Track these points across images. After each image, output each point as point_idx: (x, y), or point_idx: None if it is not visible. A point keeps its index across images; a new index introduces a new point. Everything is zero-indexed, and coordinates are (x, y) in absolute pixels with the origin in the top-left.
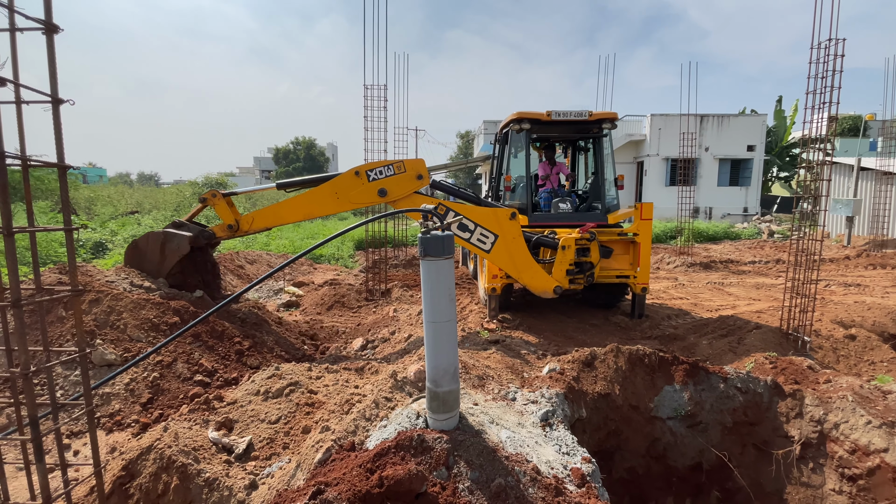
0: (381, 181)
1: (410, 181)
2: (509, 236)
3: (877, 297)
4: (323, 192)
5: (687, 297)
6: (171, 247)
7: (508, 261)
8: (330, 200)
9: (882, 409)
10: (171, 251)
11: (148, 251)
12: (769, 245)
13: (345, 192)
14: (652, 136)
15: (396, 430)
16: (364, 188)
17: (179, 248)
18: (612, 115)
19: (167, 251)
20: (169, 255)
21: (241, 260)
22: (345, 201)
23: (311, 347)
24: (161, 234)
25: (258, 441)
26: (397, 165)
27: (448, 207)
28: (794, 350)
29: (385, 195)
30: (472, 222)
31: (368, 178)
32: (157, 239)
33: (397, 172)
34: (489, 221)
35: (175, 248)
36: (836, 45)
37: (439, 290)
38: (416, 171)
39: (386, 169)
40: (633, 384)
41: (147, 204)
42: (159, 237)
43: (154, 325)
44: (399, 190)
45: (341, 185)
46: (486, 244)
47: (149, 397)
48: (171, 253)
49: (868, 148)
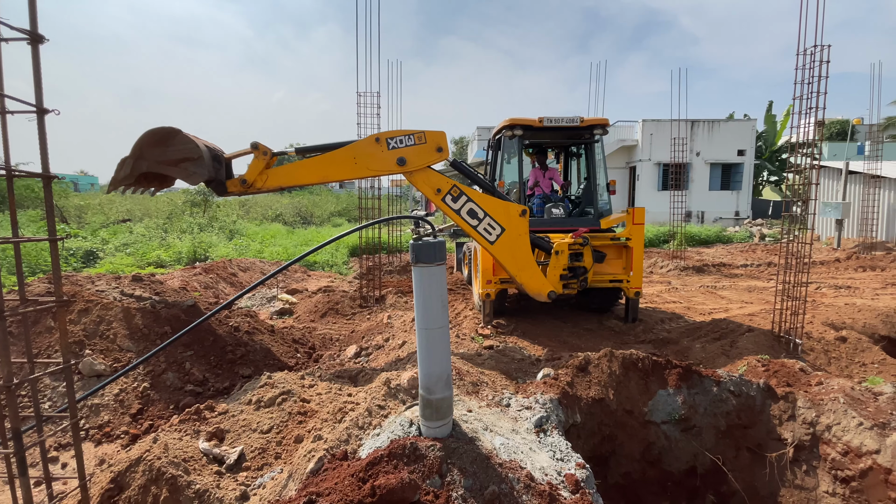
0: (400, 150)
1: (430, 153)
2: (515, 232)
3: (867, 299)
4: (341, 156)
5: (680, 300)
6: (189, 166)
7: (510, 256)
8: (348, 165)
9: (873, 410)
10: (184, 168)
11: (172, 147)
12: (761, 248)
13: (363, 158)
14: (644, 142)
15: (389, 438)
16: (383, 156)
17: (192, 173)
18: (603, 122)
19: (182, 164)
20: (178, 167)
21: (234, 268)
22: (362, 167)
23: (304, 355)
24: (197, 149)
25: (250, 451)
26: (418, 136)
27: (461, 191)
28: (786, 352)
29: (404, 164)
30: (482, 210)
31: (388, 145)
32: (189, 150)
33: (417, 143)
34: (499, 213)
35: (190, 170)
36: (822, 51)
37: (432, 296)
38: (437, 144)
39: (406, 138)
40: (628, 389)
41: (138, 212)
42: (192, 151)
43: (144, 335)
44: (418, 160)
45: (360, 150)
46: (491, 235)
47: (139, 408)
48: (182, 169)
49: (856, 152)
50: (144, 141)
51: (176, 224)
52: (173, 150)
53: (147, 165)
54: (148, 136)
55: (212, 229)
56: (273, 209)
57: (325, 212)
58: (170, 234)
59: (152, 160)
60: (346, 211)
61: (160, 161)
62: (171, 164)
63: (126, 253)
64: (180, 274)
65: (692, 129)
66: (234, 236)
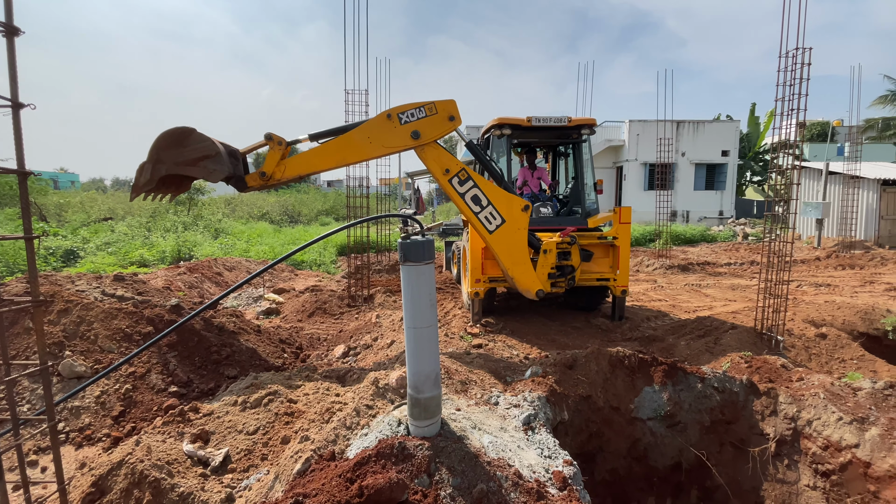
0: (413, 123)
1: (443, 123)
2: (515, 226)
3: (846, 297)
4: (356, 137)
5: (665, 298)
6: (208, 164)
7: (506, 249)
8: (363, 145)
9: (852, 405)
10: (203, 167)
11: (188, 147)
12: (744, 247)
13: (377, 136)
14: (630, 142)
15: (377, 438)
16: (396, 131)
17: (212, 170)
18: (590, 121)
19: (201, 163)
20: (197, 167)
21: (220, 267)
22: (378, 146)
23: (291, 355)
24: (213, 146)
25: (235, 453)
26: (429, 107)
27: (469, 175)
28: (769, 349)
29: (419, 137)
30: (486, 198)
31: (400, 120)
32: (206, 148)
33: (429, 114)
34: (502, 205)
35: (209, 168)
36: (803, 53)
37: (420, 295)
38: (448, 113)
39: (417, 111)
40: (614, 386)
41: (121, 210)
42: (209, 148)
43: (127, 335)
44: (432, 132)
45: (373, 129)
46: (491, 225)
47: (120, 410)
48: (201, 167)
49: (836, 153)
50: (160, 144)
51: (160, 222)
52: (190, 149)
53: (166, 168)
54: (162, 138)
55: (197, 228)
56: (259, 208)
57: (313, 210)
58: (153, 233)
59: (170, 162)
60: (334, 209)
61: (178, 162)
62: (189, 164)
63: (108, 252)
64: (164, 273)
65: (678, 130)
66: (220, 235)
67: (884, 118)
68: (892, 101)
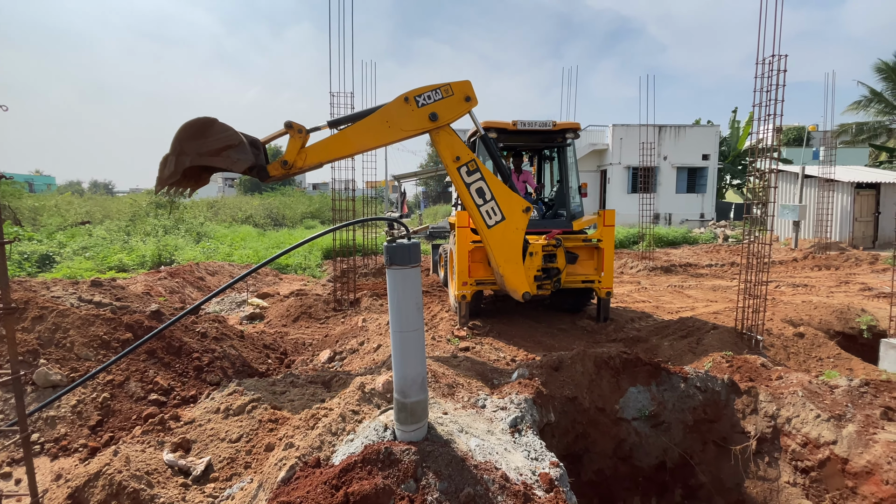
0: (430, 106)
1: (459, 104)
2: (514, 225)
3: (822, 297)
4: (374, 122)
5: (649, 300)
6: (232, 154)
7: (501, 246)
8: (382, 129)
9: (830, 402)
10: (227, 156)
11: (211, 137)
12: (724, 249)
13: (396, 120)
14: (614, 146)
15: (363, 443)
16: (414, 114)
17: (235, 160)
18: (574, 125)
19: (224, 153)
20: (221, 157)
21: (202, 271)
22: (396, 130)
23: (275, 361)
24: (236, 136)
25: (218, 461)
26: (444, 89)
27: (478, 167)
28: (749, 349)
29: (436, 119)
30: (490, 193)
31: (417, 103)
32: (229, 137)
33: (445, 96)
34: (504, 202)
35: (233, 157)
36: (779, 60)
37: (406, 298)
38: (464, 93)
39: (434, 93)
40: (600, 387)
41: (99, 214)
42: (231, 138)
43: (104, 343)
44: (449, 114)
45: (391, 113)
46: (490, 220)
47: (98, 419)
48: (224, 157)
49: (811, 157)
50: (182, 135)
51: (139, 226)
52: (213, 139)
53: (190, 160)
54: (185, 129)
55: (178, 232)
56: (243, 210)
57: (297, 213)
58: (133, 237)
59: (194, 153)
60: (319, 212)
61: (202, 153)
62: (213, 155)
63: (85, 257)
64: (144, 278)
65: (660, 135)
66: (202, 239)
67: (857, 123)
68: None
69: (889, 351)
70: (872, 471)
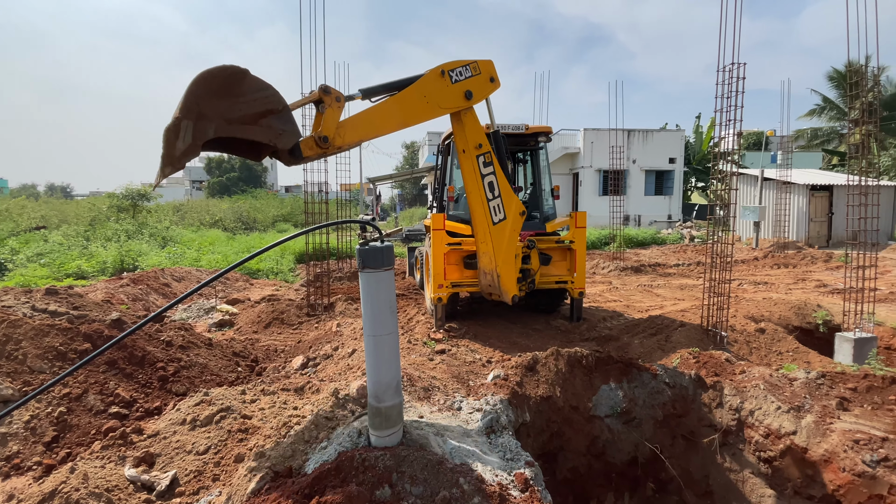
0: (463, 83)
1: (486, 83)
2: (512, 226)
3: (781, 294)
4: (412, 96)
5: (620, 299)
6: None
7: (501, 244)
8: (420, 105)
9: (789, 394)
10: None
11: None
12: (691, 249)
13: (433, 95)
14: (585, 149)
15: (337, 450)
16: (449, 90)
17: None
18: (546, 129)
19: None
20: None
21: (167, 277)
22: (434, 106)
23: (246, 369)
24: (278, 97)
25: (184, 475)
26: (473, 66)
27: (493, 161)
28: (714, 344)
29: (471, 98)
30: (498, 189)
31: (451, 79)
32: (269, 99)
33: (474, 74)
34: (507, 201)
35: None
36: (739, 68)
37: (380, 302)
38: (489, 73)
39: (464, 69)
40: (573, 385)
41: (55, 218)
42: (272, 99)
43: (60, 354)
44: (480, 93)
45: (428, 87)
46: (496, 216)
47: (54, 435)
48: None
49: (770, 160)
50: (200, 92)
51: (100, 231)
52: (247, 100)
53: (215, 128)
54: (204, 82)
55: (142, 236)
56: (211, 214)
57: (269, 216)
58: (92, 243)
59: (219, 118)
60: (292, 215)
61: (231, 119)
62: (248, 123)
63: (40, 264)
64: (104, 286)
65: (629, 139)
66: (168, 244)
67: (812, 128)
68: (818, 113)
69: (843, 344)
70: (830, 459)
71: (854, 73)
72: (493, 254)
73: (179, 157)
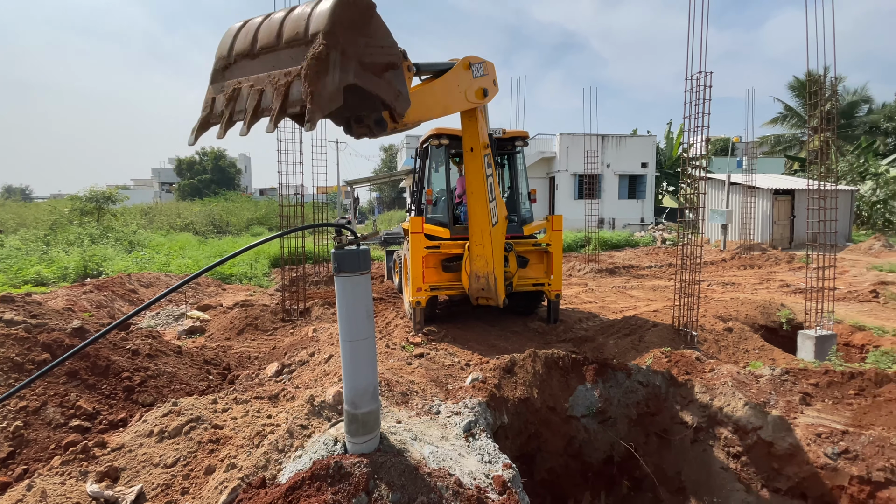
0: (480, 80)
1: (493, 85)
2: (501, 229)
3: (748, 294)
4: (452, 83)
5: (596, 300)
6: (395, 81)
7: (498, 247)
8: (457, 94)
9: (756, 391)
10: (389, 82)
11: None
12: (663, 251)
13: (464, 86)
14: (561, 154)
15: (312, 459)
16: (473, 84)
17: (398, 95)
18: (523, 134)
19: (386, 76)
20: (383, 81)
21: (134, 283)
22: (464, 99)
23: (217, 377)
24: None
25: (151, 489)
26: (486, 66)
27: (491, 163)
28: (685, 344)
29: (487, 96)
30: (495, 192)
31: (474, 73)
32: (391, 49)
33: (486, 73)
34: (500, 203)
35: (395, 89)
36: (706, 77)
37: (356, 306)
38: (493, 76)
39: (479, 66)
40: (550, 386)
41: (12, 222)
42: (394, 50)
43: (17, 365)
44: (491, 93)
45: (461, 77)
46: (495, 217)
47: (9, 451)
48: (387, 83)
49: (736, 166)
50: (338, 18)
51: (61, 235)
52: (375, 46)
53: (354, 72)
54: (346, 8)
55: (107, 241)
56: (182, 217)
57: (243, 220)
58: (53, 248)
59: (356, 61)
60: (266, 219)
61: (365, 63)
62: (375, 72)
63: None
64: (66, 292)
65: (603, 144)
66: (135, 248)
67: (775, 135)
68: (781, 121)
69: (805, 341)
70: (795, 452)
71: (813, 82)
72: (491, 256)
73: (329, 99)
